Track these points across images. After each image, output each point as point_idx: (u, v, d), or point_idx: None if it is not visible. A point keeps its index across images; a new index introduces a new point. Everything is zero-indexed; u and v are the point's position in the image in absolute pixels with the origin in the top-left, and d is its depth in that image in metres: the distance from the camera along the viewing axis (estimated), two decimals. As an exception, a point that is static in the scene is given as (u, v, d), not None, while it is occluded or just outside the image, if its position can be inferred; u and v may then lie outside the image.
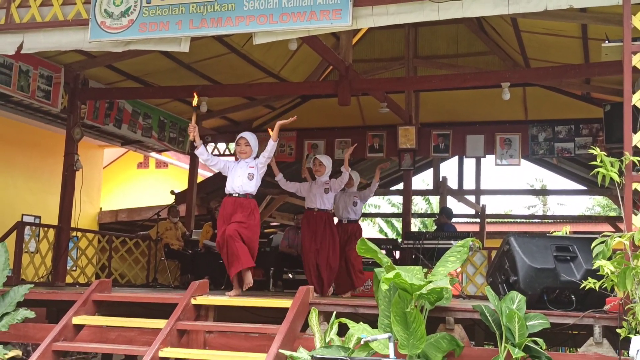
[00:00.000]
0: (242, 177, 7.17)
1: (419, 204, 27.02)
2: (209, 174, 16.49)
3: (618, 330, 4.97)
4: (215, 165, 7.48)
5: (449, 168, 15.84)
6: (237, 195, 7.17)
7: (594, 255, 5.02)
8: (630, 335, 4.81)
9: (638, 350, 4.56)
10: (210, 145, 13.46)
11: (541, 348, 5.19)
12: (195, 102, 7.15)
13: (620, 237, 4.99)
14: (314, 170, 8.47)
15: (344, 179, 8.31)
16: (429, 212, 24.27)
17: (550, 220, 21.65)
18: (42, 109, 10.11)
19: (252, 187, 7.19)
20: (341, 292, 8.55)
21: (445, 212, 12.25)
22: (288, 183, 8.47)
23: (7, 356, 5.87)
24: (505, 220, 22.58)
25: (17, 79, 8.92)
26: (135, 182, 18.06)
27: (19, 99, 9.42)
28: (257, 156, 7.33)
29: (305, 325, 6.01)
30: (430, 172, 15.64)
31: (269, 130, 7.29)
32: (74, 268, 10.86)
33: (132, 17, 6.68)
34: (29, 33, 7.08)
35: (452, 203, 14.74)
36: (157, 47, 6.83)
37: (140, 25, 6.65)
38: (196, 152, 7.44)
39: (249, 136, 7.37)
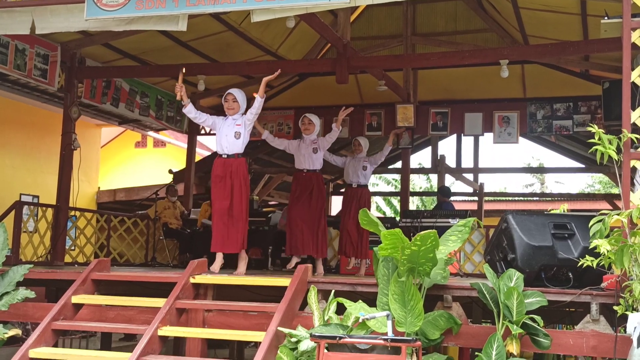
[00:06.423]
0: (229, 136, 7.26)
1: (416, 181, 26.97)
2: (207, 153, 16.48)
3: (615, 308, 4.98)
4: (204, 121, 7.63)
5: (447, 146, 15.83)
6: (226, 156, 7.28)
7: (591, 233, 5.03)
8: (627, 313, 4.83)
9: (635, 327, 4.58)
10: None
11: (539, 325, 5.22)
12: (181, 77, 7.33)
13: (618, 214, 4.99)
14: (303, 129, 8.38)
15: (332, 136, 8.27)
16: (428, 191, 24.24)
17: (548, 198, 21.65)
18: (39, 87, 10.05)
19: (239, 146, 7.27)
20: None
21: (442, 191, 12.26)
22: (275, 139, 8.48)
23: (6, 335, 5.88)
24: (503, 198, 22.54)
25: (13, 58, 8.85)
26: (133, 161, 18.06)
27: (15, 77, 9.36)
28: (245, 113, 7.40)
29: (304, 304, 6.03)
30: (428, 151, 15.62)
31: (254, 94, 7.33)
32: (73, 247, 10.87)
33: (128, -5, 6.61)
34: (36, 12, 6.97)
35: (450, 181, 14.73)
36: (157, 26, 6.75)
37: (137, 3, 6.56)
38: (184, 110, 7.47)
39: (237, 92, 7.41)
